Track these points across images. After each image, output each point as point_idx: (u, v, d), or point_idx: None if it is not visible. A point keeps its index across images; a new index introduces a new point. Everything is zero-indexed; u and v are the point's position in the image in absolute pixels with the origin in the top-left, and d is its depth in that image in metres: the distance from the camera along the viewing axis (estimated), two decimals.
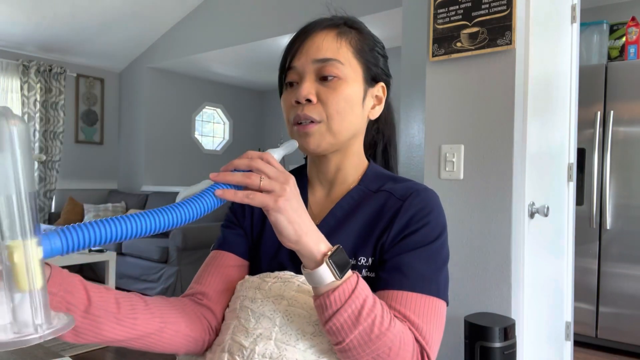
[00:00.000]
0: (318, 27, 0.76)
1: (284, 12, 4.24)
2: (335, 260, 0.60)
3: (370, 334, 0.60)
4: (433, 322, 0.68)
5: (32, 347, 1.02)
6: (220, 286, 0.78)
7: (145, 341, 0.67)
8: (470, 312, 1.57)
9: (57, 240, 0.48)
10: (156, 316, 0.68)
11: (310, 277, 0.61)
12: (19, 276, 0.42)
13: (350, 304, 0.60)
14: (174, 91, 5.95)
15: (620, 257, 2.86)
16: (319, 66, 0.73)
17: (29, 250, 0.43)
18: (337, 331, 0.61)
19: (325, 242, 0.62)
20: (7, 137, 0.42)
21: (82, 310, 0.60)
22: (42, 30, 4.71)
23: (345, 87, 0.74)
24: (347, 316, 0.60)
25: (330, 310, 0.60)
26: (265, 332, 0.67)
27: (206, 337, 0.74)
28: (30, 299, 0.43)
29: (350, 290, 0.60)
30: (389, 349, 0.61)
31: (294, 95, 0.74)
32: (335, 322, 0.61)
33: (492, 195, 1.56)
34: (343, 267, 0.61)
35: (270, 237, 0.79)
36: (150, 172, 5.73)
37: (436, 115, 1.69)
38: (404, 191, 0.76)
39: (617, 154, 2.88)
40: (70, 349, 2.81)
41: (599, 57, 3.04)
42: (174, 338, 0.69)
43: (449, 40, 1.63)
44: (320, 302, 0.61)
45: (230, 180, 0.59)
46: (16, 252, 0.42)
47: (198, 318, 0.73)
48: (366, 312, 0.60)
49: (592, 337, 2.95)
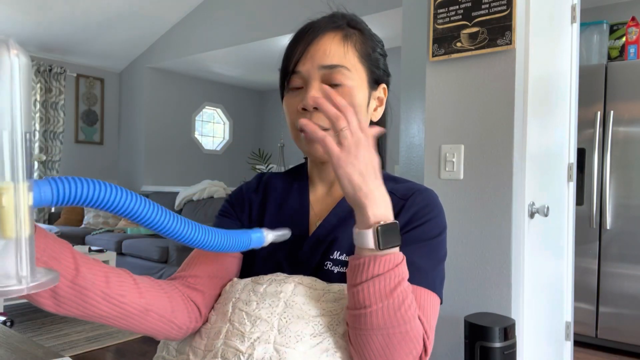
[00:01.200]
0: (323, 30, 0.75)
1: (284, 12, 4.24)
2: (384, 231, 0.60)
3: (396, 311, 0.61)
4: (429, 315, 0.68)
5: (32, 346, 1.01)
6: (213, 273, 0.75)
7: (126, 321, 0.65)
8: (470, 312, 1.57)
9: (48, 188, 0.44)
10: (143, 297, 0.66)
11: (356, 236, 0.62)
12: (5, 221, 0.39)
13: (391, 274, 0.60)
14: (174, 91, 5.96)
15: (620, 257, 2.86)
16: (326, 72, 0.72)
17: (19, 193, 0.39)
18: (369, 295, 0.61)
19: (387, 213, 0.62)
20: (7, 68, 0.38)
21: (69, 279, 0.58)
22: (42, 30, 4.72)
23: (352, 94, 0.73)
24: (384, 284, 0.60)
25: (373, 270, 0.60)
26: (263, 336, 0.65)
27: (190, 325, 0.72)
28: (16, 247, 0.39)
29: (398, 262, 0.61)
30: (404, 333, 0.61)
31: (299, 101, 0.73)
32: (372, 285, 0.60)
33: (492, 195, 1.56)
34: (389, 242, 0.61)
35: None
36: (150, 172, 5.74)
37: (436, 115, 1.69)
38: (406, 191, 0.76)
39: (617, 154, 2.88)
40: (70, 349, 2.81)
41: (599, 57, 3.04)
42: (156, 322, 0.67)
43: (449, 40, 1.63)
44: (365, 261, 0.61)
45: (327, 109, 0.62)
46: (5, 194, 0.38)
47: (185, 304, 0.71)
48: (401, 290, 0.61)
49: (592, 337, 2.95)
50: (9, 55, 0.38)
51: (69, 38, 4.96)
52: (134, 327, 0.66)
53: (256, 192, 0.85)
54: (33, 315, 3.44)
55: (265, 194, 0.84)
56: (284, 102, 0.78)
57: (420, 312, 0.66)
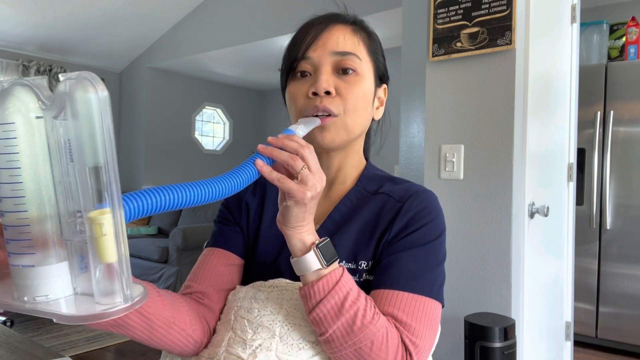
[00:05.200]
0: (334, 21, 0.75)
1: (284, 12, 4.24)
2: (322, 248, 0.62)
3: (352, 326, 0.61)
4: (424, 322, 0.66)
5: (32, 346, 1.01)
6: (219, 286, 0.75)
7: (151, 334, 0.64)
8: (470, 312, 1.57)
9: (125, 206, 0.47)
10: (167, 310, 0.66)
11: (297, 264, 0.63)
12: (107, 247, 0.41)
13: (333, 294, 0.61)
14: (174, 91, 5.95)
15: (620, 257, 2.86)
16: (339, 59, 0.72)
17: (117, 220, 0.41)
18: (321, 321, 0.62)
19: (315, 235, 0.64)
20: (96, 104, 0.40)
21: None
22: (42, 30, 4.71)
23: (363, 83, 0.73)
24: (330, 307, 0.61)
25: (314, 299, 0.61)
26: (265, 343, 0.65)
27: (204, 339, 0.72)
28: (119, 268, 0.41)
29: (335, 281, 0.61)
30: (371, 342, 0.61)
31: (309, 86, 0.72)
32: (318, 312, 0.61)
33: (492, 195, 1.56)
34: (330, 257, 0.63)
35: (268, 244, 0.78)
36: (150, 172, 5.73)
37: (436, 115, 1.69)
38: (403, 193, 0.75)
39: (617, 154, 2.88)
40: (70, 349, 2.81)
41: (599, 57, 3.04)
42: (178, 337, 0.67)
43: (449, 40, 1.63)
44: (305, 291, 0.62)
45: (277, 156, 0.60)
46: (106, 222, 0.40)
47: (199, 319, 0.71)
48: (349, 304, 0.61)
49: (592, 337, 2.95)
50: (97, 92, 0.40)
51: (69, 38, 4.96)
52: (157, 340, 0.66)
53: (253, 194, 0.84)
54: (33, 316, 3.44)
55: (262, 196, 0.83)
56: (288, 89, 0.76)
57: (410, 319, 0.65)
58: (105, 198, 0.40)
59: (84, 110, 0.40)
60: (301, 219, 0.61)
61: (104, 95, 0.40)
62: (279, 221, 0.63)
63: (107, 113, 0.40)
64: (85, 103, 0.40)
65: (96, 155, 0.40)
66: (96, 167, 0.40)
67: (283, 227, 0.63)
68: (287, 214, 0.61)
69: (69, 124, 0.40)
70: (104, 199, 0.40)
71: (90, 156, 0.40)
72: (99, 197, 0.40)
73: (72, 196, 0.42)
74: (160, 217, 5.13)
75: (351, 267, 0.72)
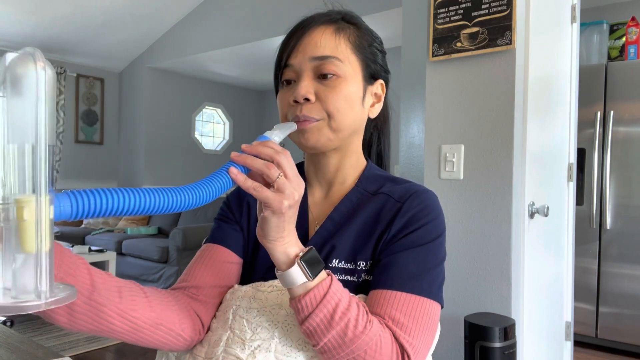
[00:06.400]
0: (315, 23, 0.74)
1: (284, 12, 4.24)
2: (307, 260, 0.60)
3: (344, 337, 0.60)
4: (422, 323, 0.65)
5: (32, 346, 1.01)
6: (215, 282, 0.74)
7: (137, 335, 0.64)
8: (470, 312, 1.57)
9: (67, 202, 0.43)
10: (154, 311, 0.65)
11: (283, 278, 0.60)
12: (26, 235, 0.38)
13: (322, 307, 0.59)
14: (174, 91, 5.96)
15: (620, 257, 2.86)
16: (317, 64, 0.71)
17: (41, 207, 0.38)
18: (312, 334, 0.61)
19: (299, 245, 0.62)
20: (33, 81, 0.37)
21: (85, 296, 0.58)
22: (42, 30, 4.71)
23: (345, 86, 0.72)
24: (319, 320, 0.60)
25: (303, 313, 0.60)
26: (264, 344, 0.65)
27: (195, 337, 0.71)
28: (36, 262, 0.38)
29: (323, 293, 0.60)
30: (364, 352, 0.60)
31: (291, 94, 0.72)
32: (308, 326, 0.60)
33: (492, 195, 1.56)
34: (315, 267, 0.60)
35: None
36: (150, 172, 5.73)
37: (436, 115, 1.69)
38: (403, 193, 0.74)
39: (617, 154, 2.88)
40: (70, 349, 2.81)
41: (599, 57, 3.04)
42: (165, 336, 0.67)
43: (449, 40, 1.63)
44: (294, 305, 0.61)
45: (250, 164, 0.58)
46: (27, 207, 0.38)
47: (190, 316, 0.70)
48: (339, 316, 0.60)
49: (592, 337, 2.95)
50: (35, 68, 0.38)
51: (69, 38, 4.96)
52: (144, 340, 0.66)
53: None
54: (33, 315, 3.44)
55: None
56: (277, 98, 0.77)
57: (406, 319, 0.65)
58: (31, 183, 0.38)
59: (19, 86, 0.37)
60: (281, 229, 0.58)
61: (43, 72, 0.37)
62: (259, 234, 0.60)
63: (42, 91, 0.38)
64: (22, 79, 0.37)
65: (25, 135, 0.37)
66: (21, 147, 0.37)
67: (263, 240, 0.60)
68: (266, 226, 0.58)
69: (6, 101, 0.38)
70: (35, 184, 0.38)
71: (20, 136, 0.38)
72: (24, 180, 0.38)
73: (6, 179, 0.39)
74: (161, 217, 5.13)
75: (350, 267, 0.71)
